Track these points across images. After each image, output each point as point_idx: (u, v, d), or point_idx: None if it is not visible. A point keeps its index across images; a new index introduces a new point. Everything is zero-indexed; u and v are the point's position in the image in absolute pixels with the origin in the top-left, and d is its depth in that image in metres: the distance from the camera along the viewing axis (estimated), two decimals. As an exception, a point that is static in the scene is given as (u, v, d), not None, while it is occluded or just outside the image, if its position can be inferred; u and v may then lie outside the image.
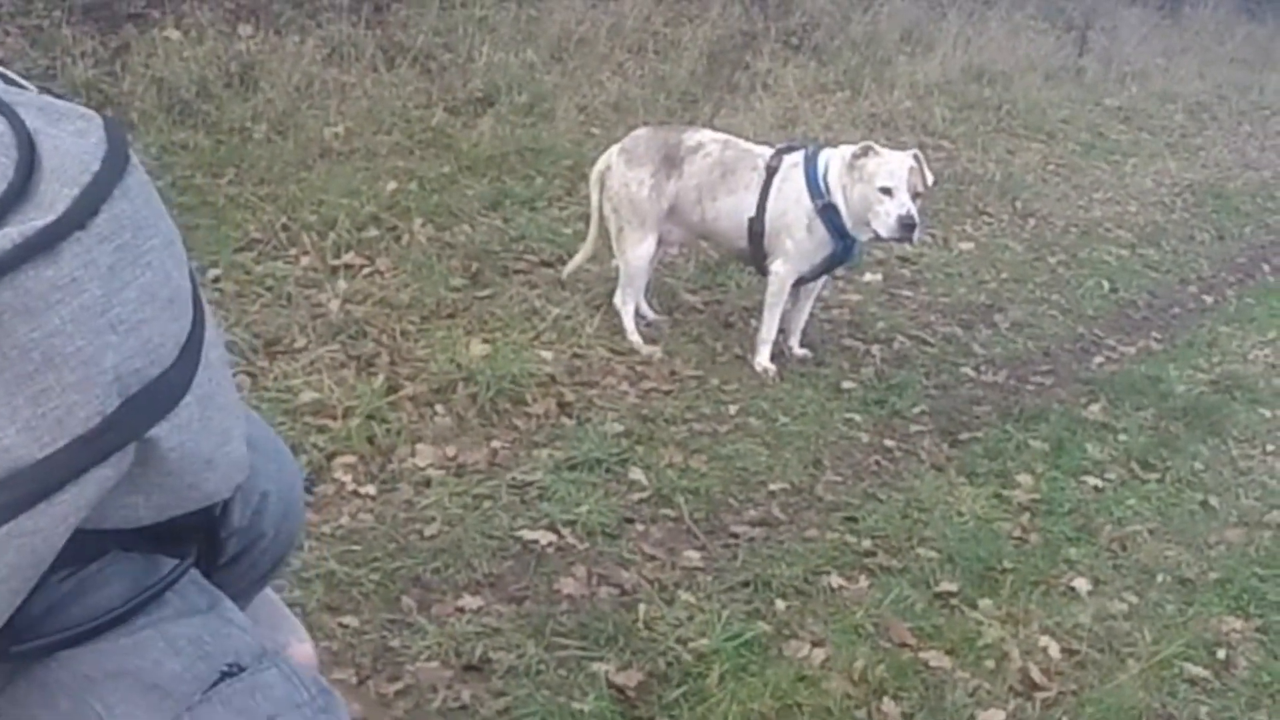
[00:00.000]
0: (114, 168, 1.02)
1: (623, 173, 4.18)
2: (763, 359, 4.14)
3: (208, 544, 1.18)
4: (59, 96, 1.06)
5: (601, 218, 4.25)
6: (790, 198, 4.04)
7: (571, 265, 4.41)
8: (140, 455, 1.03)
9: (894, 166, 3.91)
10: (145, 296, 1.02)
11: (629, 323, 4.19)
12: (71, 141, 1.03)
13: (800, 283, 4.21)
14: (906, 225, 3.91)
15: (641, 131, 4.36)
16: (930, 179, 4.04)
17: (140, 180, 1.04)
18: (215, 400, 1.12)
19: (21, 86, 1.06)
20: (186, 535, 1.14)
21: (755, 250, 4.16)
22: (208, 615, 1.13)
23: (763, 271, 4.19)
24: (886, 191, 3.88)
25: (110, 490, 1.01)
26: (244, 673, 1.05)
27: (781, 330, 4.26)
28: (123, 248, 1.01)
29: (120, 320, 1.00)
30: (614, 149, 4.28)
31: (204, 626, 1.11)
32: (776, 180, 4.06)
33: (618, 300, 4.22)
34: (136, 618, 1.08)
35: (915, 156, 3.99)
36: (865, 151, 3.97)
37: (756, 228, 4.09)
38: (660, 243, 4.26)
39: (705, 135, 4.29)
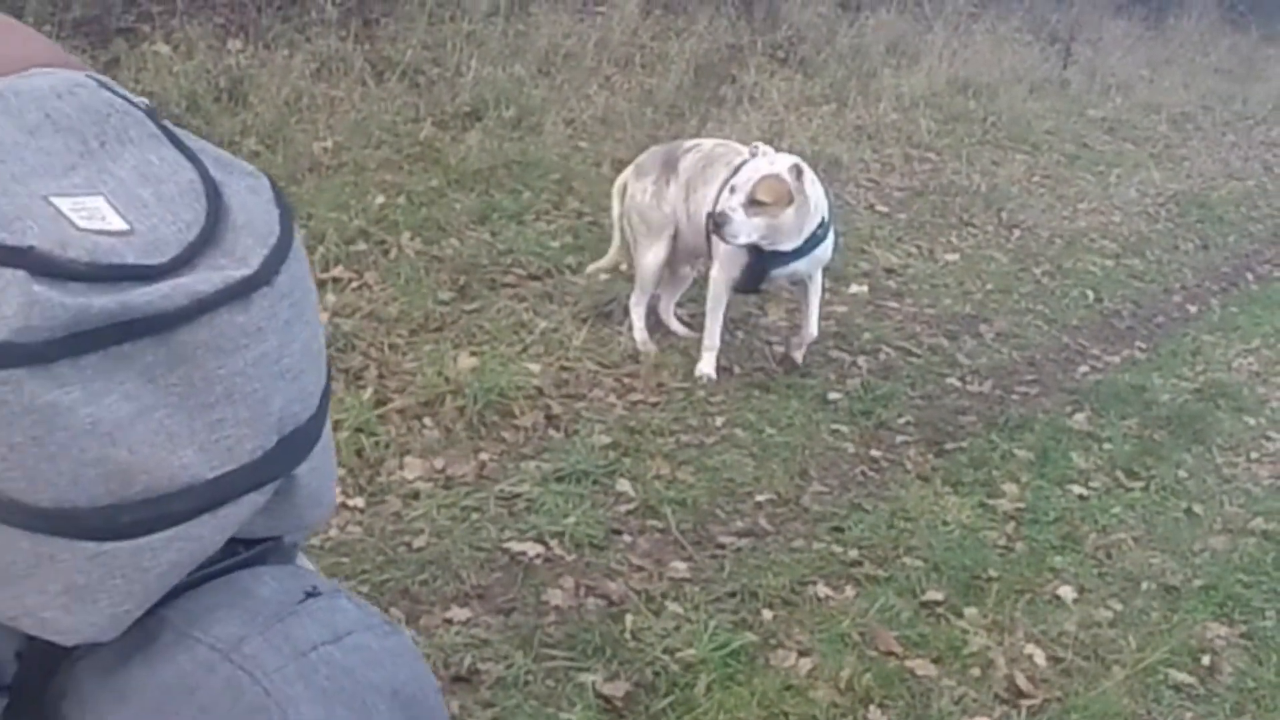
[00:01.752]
0: (289, 230, 1.17)
1: (633, 184, 4.31)
2: (703, 366, 4.14)
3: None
4: None
5: (622, 228, 4.39)
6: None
7: (592, 267, 4.52)
8: (280, 488, 1.16)
9: (747, 170, 3.91)
10: (305, 350, 1.15)
11: (637, 321, 4.27)
12: (251, 199, 1.18)
13: (743, 290, 4.22)
14: (715, 220, 3.91)
15: (655, 147, 4.50)
16: (801, 194, 3.89)
17: (299, 243, 1.16)
18: (329, 448, 1.26)
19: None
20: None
21: (710, 249, 4.18)
22: (285, 565, 1.25)
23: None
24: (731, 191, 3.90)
25: (251, 514, 1.13)
26: (323, 596, 1.16)
27: (782, 342, 4.29)
28: (295, 305, 1.14)
29: (288, 369, 1.14)
30: (632, 164, 4.42)
31: (285, 569, 1.24)
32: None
33: (631, 301, 4.32)
34: (234, 570, 1.19)
35: (792, 168, 3.90)
36: (752, 154, 3.98)
37: (708, 225, 4.07)
38: (677, 253, 4.31)
39: (706, 140, 4.37)
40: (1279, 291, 6.32)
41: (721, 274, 4.16)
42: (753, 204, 3.86)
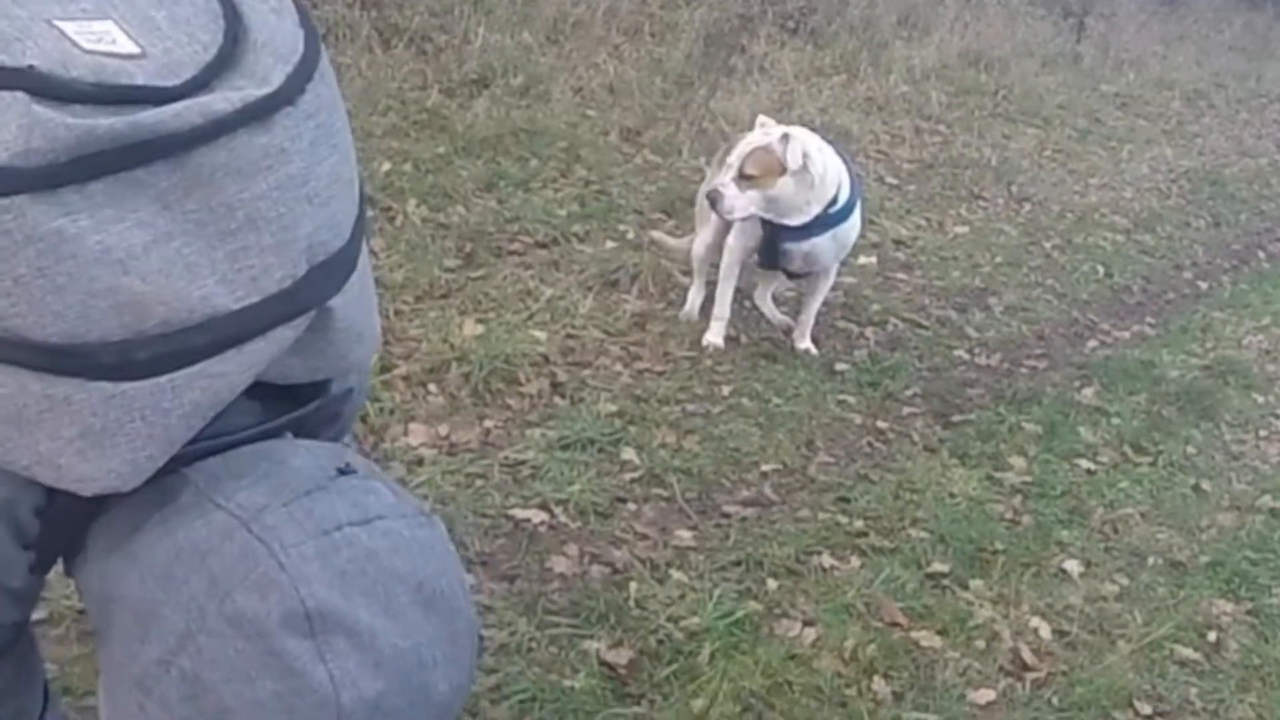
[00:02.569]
0: (315, 50, 1.11)
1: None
2: (710, 335, 4.09)
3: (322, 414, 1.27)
4: None
5: None
6: None
7: (672, 242, 4.52)
8: (314, 322, 1.12)
9: (740, 144, 3.90)
10: (334, 175, 1.11)
11: (691, 293, 4.25)
12: (274, 19, 1.12)
13: (766, 266, 4.19)
14: (709, 198, 3.90)
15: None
16: (791, 162, 3.80)
17: (327, 65, 1.12)
18: (367, 280, 1.21)
19: None
20: (307, 395, 1.22)
21: None
22: (326, 443, 1.22)
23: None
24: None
25: (281, 350, 1.10)
26: (358, 475, 1.13)
27: (790, 311, 4.27)
28: (321, 126, 1.10)
29: (315, 194, 1.09)
30: None
31: (323, 444, 1.20)
32: None
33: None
34: (270, 438, 1.16)
35: (782, 138, 3.84)
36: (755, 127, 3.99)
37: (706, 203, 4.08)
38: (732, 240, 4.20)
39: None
40: (1290, 269, 6.30)
41: (736, 243, 4.11)
42: (743, 178, 3.82)
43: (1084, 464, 3.77)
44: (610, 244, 4.64)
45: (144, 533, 1.10)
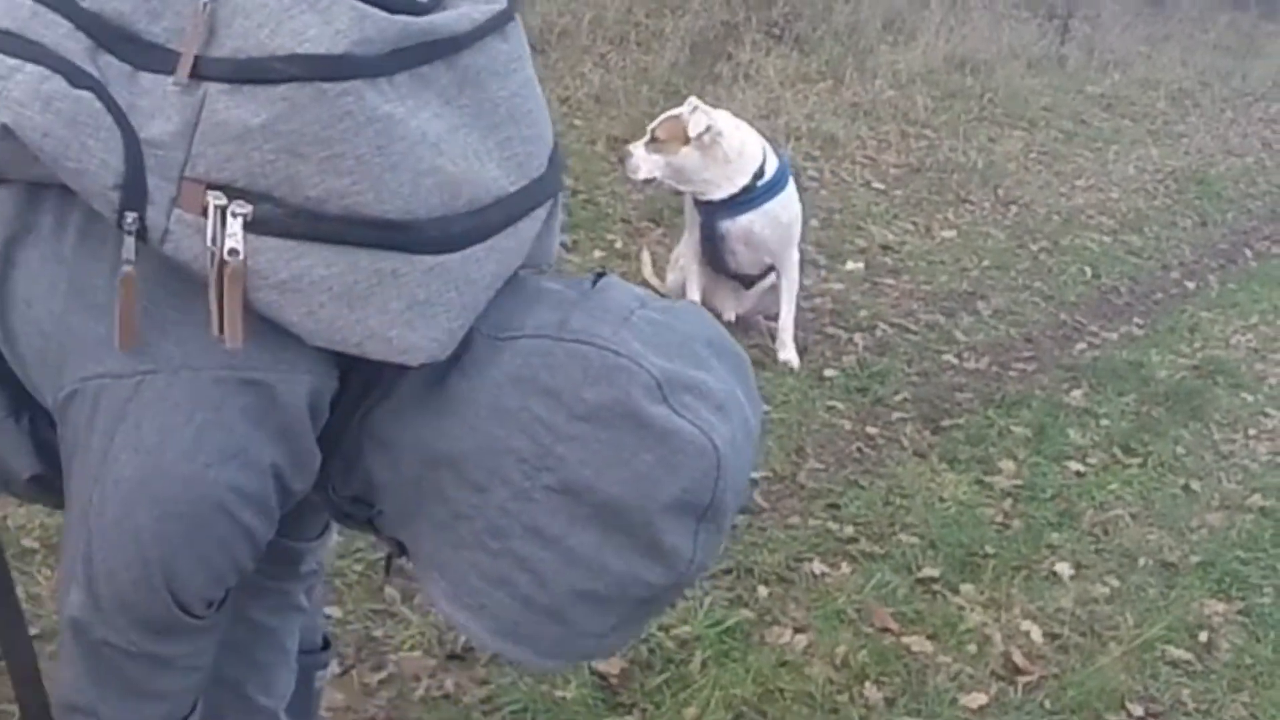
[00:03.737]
0: None
1: None
2: None
3: None
4: None
5: None
6: None
7: None
8: (551, 208, 1.26)
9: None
10: (538, 92, 1.26)
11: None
12: None
13: (715, 266, 4.20)
14: (619, 155, 4.25)
15: None
16: (691, 129, 3.96)
17: None
18: None
19: None
20: None
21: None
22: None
23: None
24: None
25: (537, 230, 1.24)
26: (608, 275, 1.28)
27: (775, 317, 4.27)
28: (525, 44, 1.26)
29: (539, 96, 1.26)
30: None
31: (550, 275, 1.32)
32: None
33: None
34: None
35: (693, 110, 4.02)
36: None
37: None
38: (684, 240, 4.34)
39: None
40: (1277, 268, 6.30)
41: (689, 239, 4.20)
42: (652, 141, 4.05)
43: (1074, 466, 3.78)
44: (598, 253, 4.65)
45: (451, 390, 1.18)
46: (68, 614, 1.27)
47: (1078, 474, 3.74)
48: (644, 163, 4.05)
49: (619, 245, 4.73)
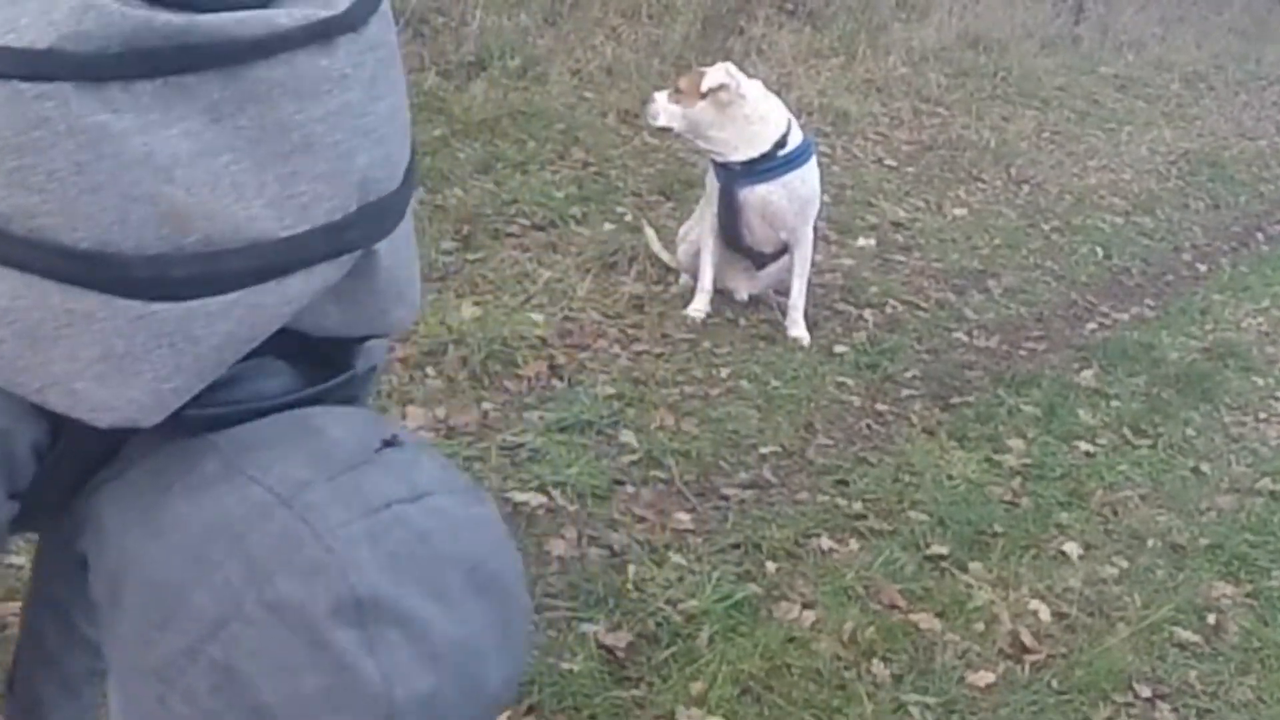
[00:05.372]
0: None
1: None
2: (692, 306, 4.16)
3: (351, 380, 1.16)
4: None
5: None
6: None
7: None
8: (358, 267, 1.03)
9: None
10: (390, 114, 1.04)
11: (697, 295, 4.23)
12: None
13: (732, 242, 4.19)
14: (644, 102, 4.31)
15: None
16: (705, 83, 4.06)
17: (388, 6, 1.07)
18: (412, 238, 1.13)
19: None
20: (338, 362, 1.13)
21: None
22: (366, 410, 1.13)
23: None
24: None
25: (322, 291, 1.01)
26: (404, 448, 1.03)
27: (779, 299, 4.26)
28: (381, 62, 1.04)
29: (372, 129, 1.02)
30: None
31: (361, 411, 1.10)
32: None
33: None
34: (303, 406, 1.06)
35: (715, 67, 4.15)
36: None
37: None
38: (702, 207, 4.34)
39: None
40: (1289, 252, 6.28)
41: (707, 209, 4.19)
42: (676, 91, 4.14)
43: (1083, 446, 3.76)
44: (608, 226, 4.63)
45: (167, 505, 1.01)
46: None
47: (1087, 454, 3.73)
48: (663, 111, 4.12)
49: (629, 218, 4.71)
